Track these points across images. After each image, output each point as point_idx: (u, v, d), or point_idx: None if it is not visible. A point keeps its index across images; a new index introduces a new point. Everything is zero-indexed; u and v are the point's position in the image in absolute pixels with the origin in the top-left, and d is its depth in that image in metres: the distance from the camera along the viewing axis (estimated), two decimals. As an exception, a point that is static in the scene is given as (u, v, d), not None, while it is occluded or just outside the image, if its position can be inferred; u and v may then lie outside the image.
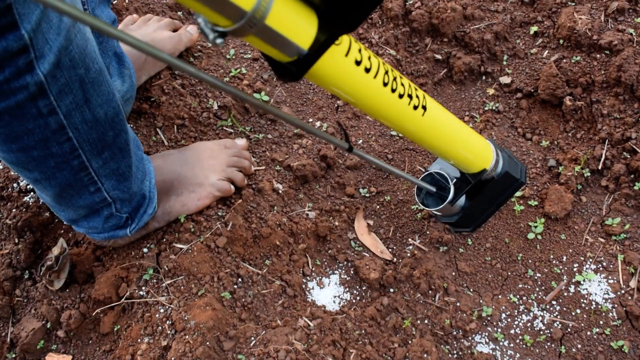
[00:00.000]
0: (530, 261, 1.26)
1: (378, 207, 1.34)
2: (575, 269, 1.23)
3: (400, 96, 0.83)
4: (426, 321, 1.18)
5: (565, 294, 1.21)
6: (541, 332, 1.17)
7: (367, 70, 0.77)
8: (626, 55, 1.34)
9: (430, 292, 1.21)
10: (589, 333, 1.16)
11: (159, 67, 1.41)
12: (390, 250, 1.28)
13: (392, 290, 1.21)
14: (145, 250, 1.17)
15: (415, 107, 0.86)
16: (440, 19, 1.49)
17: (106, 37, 1.21)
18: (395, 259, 1.27)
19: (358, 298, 1.21)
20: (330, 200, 1.33)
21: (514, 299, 1.21)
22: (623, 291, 1.19)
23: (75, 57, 0.81)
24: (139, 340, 1.07)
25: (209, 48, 1.52)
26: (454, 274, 1.24)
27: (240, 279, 1.15)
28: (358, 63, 0.76)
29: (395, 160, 1.40)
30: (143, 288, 1.13)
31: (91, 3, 1.14)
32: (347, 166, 1.38)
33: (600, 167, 1.32)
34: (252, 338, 1.06)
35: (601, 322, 1.17)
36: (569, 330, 1.17)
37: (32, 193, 1.27)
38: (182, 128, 1.35)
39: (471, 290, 1.22)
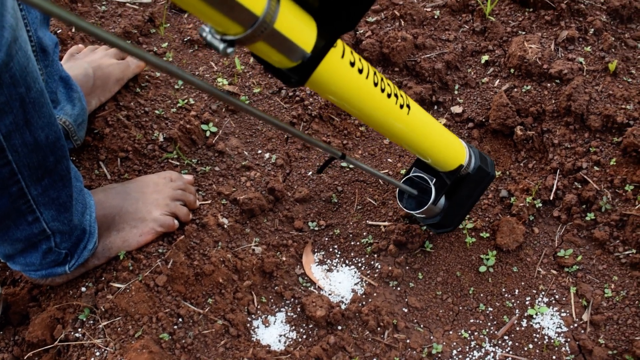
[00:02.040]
0: (482, 295, 1.23)
1: (327, 240, 1.31)
2: (527, 303, 1.21)
3: (389, 95, 0.85)
4: (374, 360, 1.14)
5: (518, 328, 1.18)
6: (493, 369, 1.14)
7: (360, 71, 0.79)
8: (576, 84, 1.34)
9: (379, 329, 1.17)
10: (541, 369, 1.13)
11: (109, 93, 1.37)
12: (339, 285, 1.25)
13: (339, 327, 1.17)
14: (83, 289, 1.13)
15: (402, 106, 0.89)
16: (391, 49, 1.48)
17: (50, 62, 1.18)
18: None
19: (304, 337, 1.17)
20: (278, 235, 1.29)
21: (465, 335, 1.18)
22: (576, 324, 1.16)
23: (16, 75, 0.78)
24: (72, 386, 1.02)
25: (157, 78, 1.49)
26: (404, 309, 1.21)
27: (180, 319, 1.11)
28: (352, 64, 0.78)
29: (345, 192, 1.37)
30: (79, 330, 1.08)
31: (33, 25, 1.10)
32: (295, 199, 1.34)
33: (552, 198, 1.31)
34: (190, 382, 1.01)
35: (554, 357, 1.14)
36: (521, 366, 1.14)
37: (-35, 230, 1.22)
38: (126, 161, 1.31)
39: (421, 326, 1.19)
